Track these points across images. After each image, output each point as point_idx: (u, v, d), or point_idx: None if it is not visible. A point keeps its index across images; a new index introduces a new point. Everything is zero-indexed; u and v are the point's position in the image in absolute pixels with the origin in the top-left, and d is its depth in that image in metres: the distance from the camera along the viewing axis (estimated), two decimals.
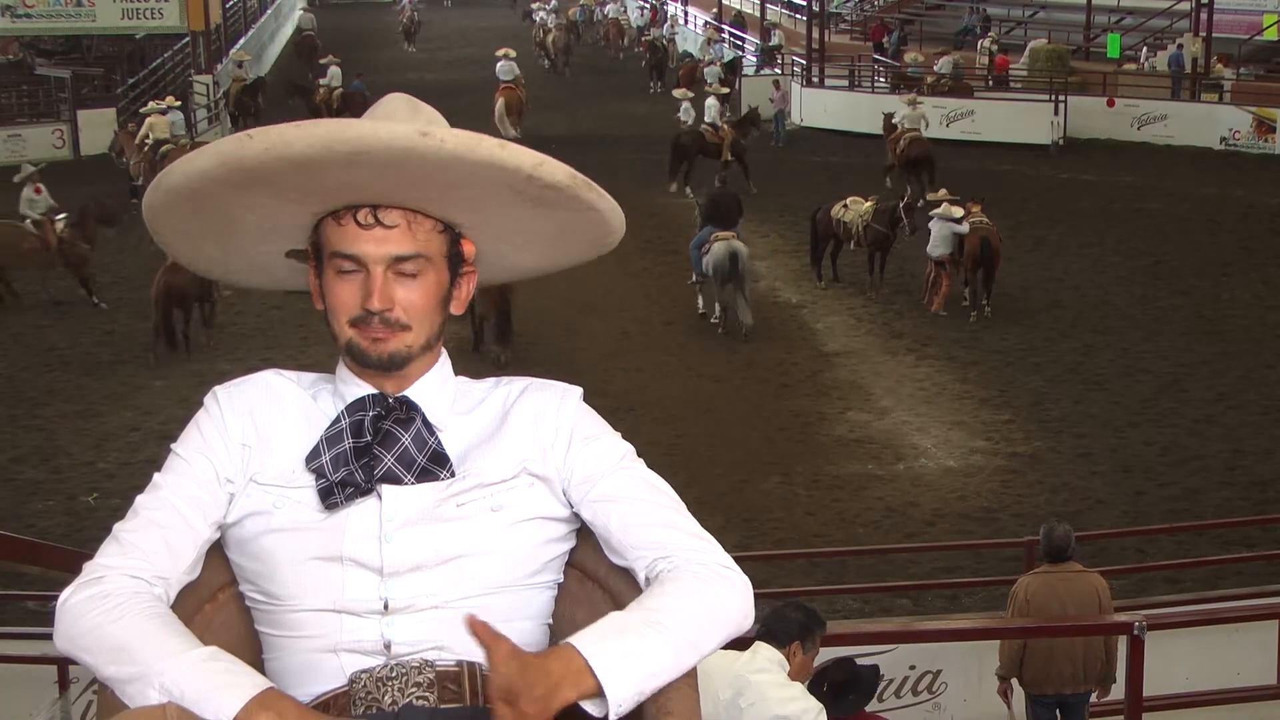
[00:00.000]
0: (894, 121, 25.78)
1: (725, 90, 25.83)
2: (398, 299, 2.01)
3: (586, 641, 1.84)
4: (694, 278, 18.34)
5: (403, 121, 2.00)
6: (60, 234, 18.96)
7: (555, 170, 1.99)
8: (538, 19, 43.15)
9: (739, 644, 5.12)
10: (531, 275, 2.28)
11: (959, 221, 18.14)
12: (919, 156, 24.45)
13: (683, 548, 1.98)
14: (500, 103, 29.62)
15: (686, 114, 26.23)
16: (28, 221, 19.37)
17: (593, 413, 2.14)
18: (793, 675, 5.36)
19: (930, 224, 18.45)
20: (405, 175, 1.94)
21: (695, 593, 1.93)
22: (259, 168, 1.93)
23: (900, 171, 24.86)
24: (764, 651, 5.20)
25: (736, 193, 19.72)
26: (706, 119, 25.75)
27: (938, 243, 18.32)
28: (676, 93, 27.10)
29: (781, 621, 5.40)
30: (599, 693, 1.82)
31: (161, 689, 1.83)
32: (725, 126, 25.81)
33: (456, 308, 2.10)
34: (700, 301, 18.31)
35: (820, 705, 5.31)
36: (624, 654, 1.84)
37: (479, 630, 1.81)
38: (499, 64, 31.10)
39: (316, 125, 1.92)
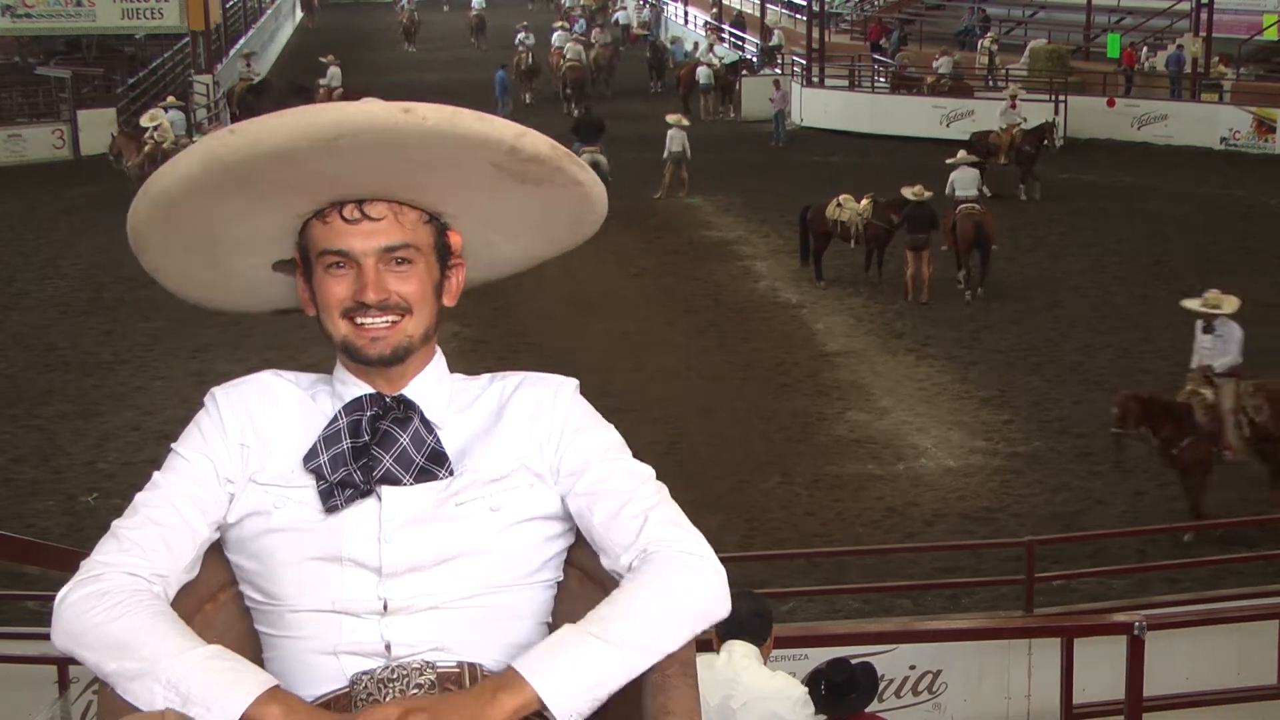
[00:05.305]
0: (555, 45, 34.96)
1: (687, 123, 25.31)
2: (392, 289, 2.00)
3: (527, 661, 1.85)
4: None
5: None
6: None
7: (537, 141, 1.98)
8: (517, 41, 37.09)
9: (706, 646, 5.13)
10: (521, 268, 2.27)
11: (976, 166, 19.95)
12: (576, 81, 32.05)
13: (655, 539, 1.97)
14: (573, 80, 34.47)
15: (675, 141, 24.67)
16: None
17: (586, 405, 2.13)
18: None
19: (952, 175, 19.74)
20: (387, 158, 1.92)
21: (649, 592, 1.92)
22: (239, 164, 1.91)
23: (563, 93, 32.33)
24: (739, 648, 5.19)
25: (600, 116, 24.66)
26: (674, 148, 24.63)
27: (967, 184, 19.63)
28: (670, 118, 25.29)
29: (753, 617, 5.40)
30: (544, 709, 1.82)
31: (168, 685, 1.83)
32: (1010, 129, 25.62)
33: (449, 300, 2.09)
34: None
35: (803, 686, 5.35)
36: (564, 670, 1.83)
37: None
38: (567, 46, 35.91)
39: (293, 113, 1.90)
